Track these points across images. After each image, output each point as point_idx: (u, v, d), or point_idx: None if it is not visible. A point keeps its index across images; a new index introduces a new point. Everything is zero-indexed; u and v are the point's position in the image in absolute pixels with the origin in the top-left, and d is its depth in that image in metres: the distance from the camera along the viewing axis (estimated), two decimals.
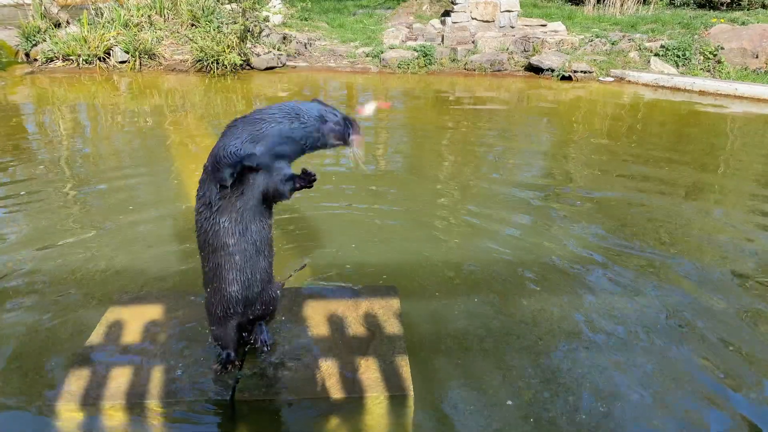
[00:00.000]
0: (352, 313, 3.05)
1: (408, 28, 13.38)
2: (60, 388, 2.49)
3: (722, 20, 12.02)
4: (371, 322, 2.98)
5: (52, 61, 10.97)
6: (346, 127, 2.30)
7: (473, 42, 12.26)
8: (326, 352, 2.75)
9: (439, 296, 3.41)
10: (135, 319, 2.96)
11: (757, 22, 11.79)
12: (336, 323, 2.96)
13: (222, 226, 2.27)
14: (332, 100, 9.54)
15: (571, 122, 8.18)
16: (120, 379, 2.54)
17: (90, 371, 2.58)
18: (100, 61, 10.93)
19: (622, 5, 14.60)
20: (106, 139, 6.81)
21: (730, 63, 10.57)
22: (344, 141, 2.31)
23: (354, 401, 2.49)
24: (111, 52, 11.01)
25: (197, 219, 2.34)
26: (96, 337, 2.83)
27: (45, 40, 11.13)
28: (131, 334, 2.85)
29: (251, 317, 2.59)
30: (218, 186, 2.19)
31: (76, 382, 2.52)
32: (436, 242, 4.13)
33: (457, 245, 4.10)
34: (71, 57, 10.90)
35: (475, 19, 12.91)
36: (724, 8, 14.79)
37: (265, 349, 2.71)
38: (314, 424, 2.39)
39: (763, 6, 15.12)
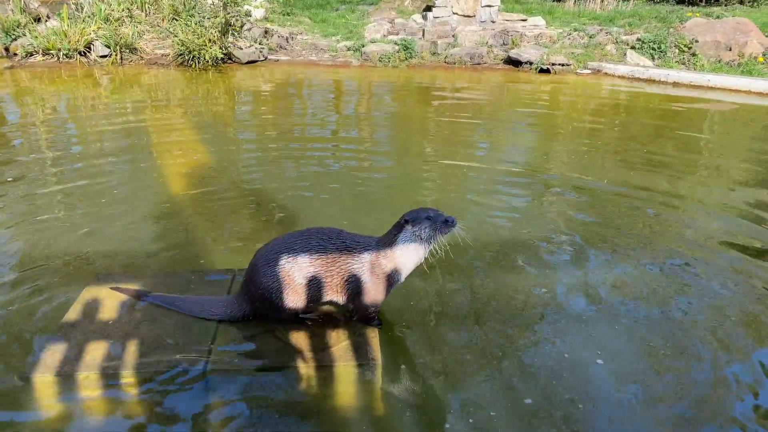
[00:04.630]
0: None
1: (390, 22, 13.46)
2: (36, 360, 2.56)
3: (697, 14, 12.24)
4: None
5: (31, 55, 10.92)
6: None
7: (453, 36, 12.37)
8: (298, 325, 2.84)
9: (413, 276, 3.50)
10: (111, 298, 3.03)
11: (733, 17, 12.03)
12: None
13: None
14: (317, 94, 9.60)
15: (548, 113, 8.31)
16: (95, 351, 2.61)
17: (66, 344, 2.65)
18: (81, 55, 10.90)
19: (602, 1, 14.80)
20: (86, 131, 6.82)
21: (704, 55, 10.78)
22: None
23: (325, 370, 2.58)
24: (92, 46, 10.98)
25: None
26: (73, 313, 2.90)
27: (25, 35, 11.08)
28: (107, 311, 2.92)
29: None
30: None
31: (52, 354, 2.59)
32: None
33: None
34: (51, 51, 10.86)
35: (456, 14, 13.02)
36: (703, 4, 15.03)
37: None
38: (285, 392, 2.47)
39: (741, 2, 15.38)
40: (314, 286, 2.73)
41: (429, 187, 5.05)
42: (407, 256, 2.74)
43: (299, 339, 2.74)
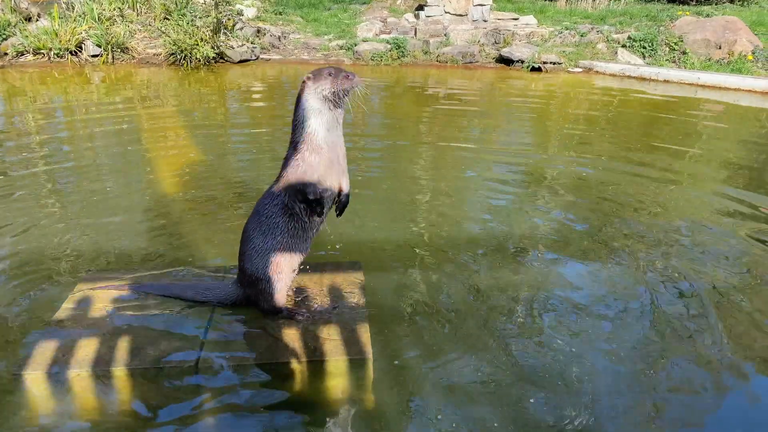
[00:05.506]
0: (317, 287, 3.15)
1: (382, 21, 13.47)
2: (27, 357, 2.55)
3: (687, 13, 12.31)
4: (335, 294, 3.08)
5: (22, 55, 10.87)
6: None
7: (446, 35, 12.39)
8: (290, 321, 2.85)
9: (405, 272, 3.52)
10: (102, 294, 3.03)
11: (722, 15, 12.10)
12: (301, 295, 3.05)
13: None
14: None
15: (540, 110, 8.34)
16: (86, 348, 2.61)
17: (57, 341, 2.65)
18: (72, 55, 10.86)
19: (594, 0, 14.85)
20: (77, 130, 6.80)
21: (694, 54, 10.84)
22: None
23: (316, 364, 2.59)
24: (83, 45, 10.94)
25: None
26: (64, 310, 2.89)
27: (15, 34, 11.02)
28: (98, 308, 2.92)
29: None
30: None
31: (43, 351, 2.58)
32: (407, 220, 4.24)
33: (426, 223, 4.21)
34: (42, 51, 10.81)
35: (449, 12, 13.05)
36: (693, 3, 15.11)
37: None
38: (277, 387, 2.48)
39: (731, 1, 15.48)
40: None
41: (422, 184, 5.07)
42: (315, 116, 2.67)
43: (290, 334, 2.75)
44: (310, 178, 2.68)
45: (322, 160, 2.68)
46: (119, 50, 11.06)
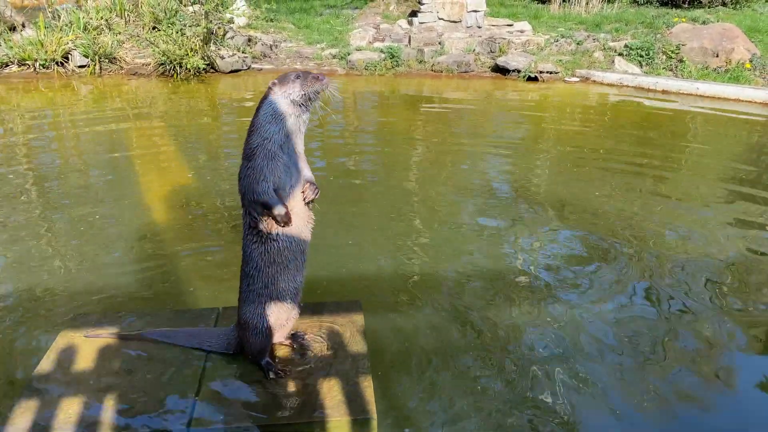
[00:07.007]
0: (314, 330, 2.97)
1: (375, 28, 13.31)
2: (5, 421, 2.37)
3: (683, 19, 12.23)
4: (334, 339, 2.90)
5: (6, 66, 10.61)
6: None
7: (440, 43, 12.24)
8: (286, 373, 2.67)
9: (405, 311, 3.36)
10: (88, 344, 2.84)
11: (717, 21, 12.02)
12: (297, 341, 2.88)
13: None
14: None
15: (537, 124, 8.21)
16: (69, 410, 2.43)
17: (38, 403, 2.46)
18: (58, 65, 10.62)
19: (587, 4, 14.73)
20: (65, 148, 6.60)
21: (691, 62, 10.75)
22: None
23: (315, 426, 2.42)
24: (69, 56, 10.70)
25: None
26: (46, 364, 2.71)
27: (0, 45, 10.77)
28: (83, 361, 2.73)
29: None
30: None
31: (23, 414, 2.40)
32: (403, 255, 4.08)
33: (423, 258, 4.05)
34: (27, 62, 10.57)
35: (442, 19, 12.90)
36: (686, 6, 15.05)
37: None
38: None
39: (723, 4, 15.43)
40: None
41: (419, 208, 4.91)
42: (276, 122, 2.44)
43: (289, 391, 2.57)
44: (263, 182, 2.43)
45: (276, 166, 2.44)
46: (107, 61, 10.83)
